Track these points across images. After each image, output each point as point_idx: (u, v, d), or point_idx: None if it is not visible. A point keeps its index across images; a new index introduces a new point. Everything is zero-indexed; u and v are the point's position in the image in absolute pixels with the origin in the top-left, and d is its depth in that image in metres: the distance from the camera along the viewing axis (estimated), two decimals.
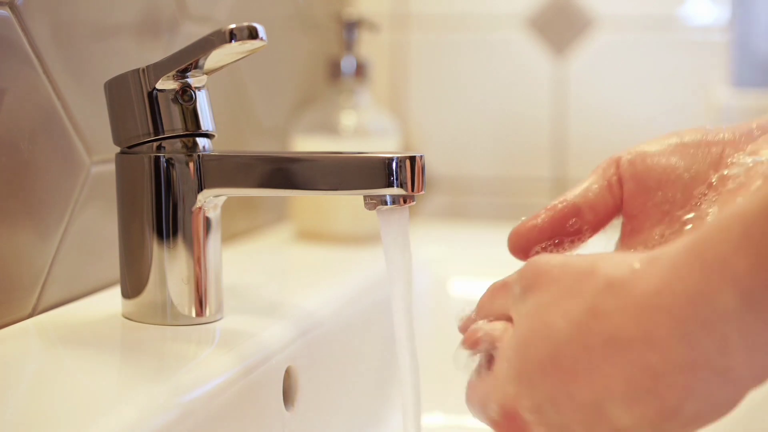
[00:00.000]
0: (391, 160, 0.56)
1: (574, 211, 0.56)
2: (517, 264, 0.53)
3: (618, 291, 0.45)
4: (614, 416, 0.45)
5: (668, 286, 0.43)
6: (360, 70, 0.99)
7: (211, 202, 0.61)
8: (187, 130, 0.60)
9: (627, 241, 0.56)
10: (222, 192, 0.60)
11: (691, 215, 0.53)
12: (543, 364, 0.47)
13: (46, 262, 0.64)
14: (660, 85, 1.14)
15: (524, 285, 0.49)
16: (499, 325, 0.51)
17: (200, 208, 0.60)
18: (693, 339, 0.43)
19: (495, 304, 0.52)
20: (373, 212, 0.57)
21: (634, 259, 0.46)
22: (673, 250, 0.44)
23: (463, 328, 0.54)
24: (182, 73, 0.59)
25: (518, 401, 0.48)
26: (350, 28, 0.99)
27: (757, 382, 0.44)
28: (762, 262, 0.40)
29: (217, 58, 0.58)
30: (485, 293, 0.53)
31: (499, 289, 0.52)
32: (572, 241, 0.56)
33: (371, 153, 0.57)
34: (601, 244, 0.56)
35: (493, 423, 0.50)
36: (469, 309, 0.55)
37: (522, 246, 0.56)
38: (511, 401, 0.48)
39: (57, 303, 0.66)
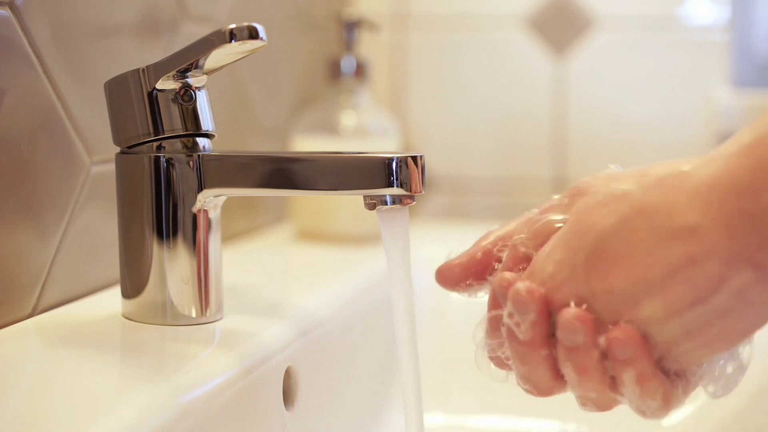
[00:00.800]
0: (391, 160, 0.56)
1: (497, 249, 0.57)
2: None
3: (667, 186, 0.47)
4: (647, 306, 0.47)
5: (719, 179, 0.45)
6: (360, 70, 0.99)
7: (211, 202, 0.61)
8: (187, 130, 0.60)
9: None
10: (222, 192, 0.60)
11: None
12: (587, 253, 0.48)
13: (46, 262, 0.64)
14: (660, 85, 1.14)
15: (573, 194, 0.52)
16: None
17: (200, 208, 0.60)
18: (736, 231, 0.44)
19: (538, 222, 0.53)
20: (373, 212, 0.57)
21: (684, 163, 0.48)
22: (730, 149, 0.46)
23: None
24: (182, 73, 0.59)
25: (552, 283, 0.50)
26: (350, 28, 0.99)
27: None
28: None
29: (217, 58, 0.58)
30: (519, 221, 0.54)
31: (544, 211, 0.53)
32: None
33: (371, 153, 0.57)
34: None
35: (516, 296, 0.50)
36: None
37: (450, 282, 0.58)
38: (551, 285, 0.50)
39: (57, 303, 0.66)
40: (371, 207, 0.57)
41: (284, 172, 0.58)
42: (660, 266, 0.47)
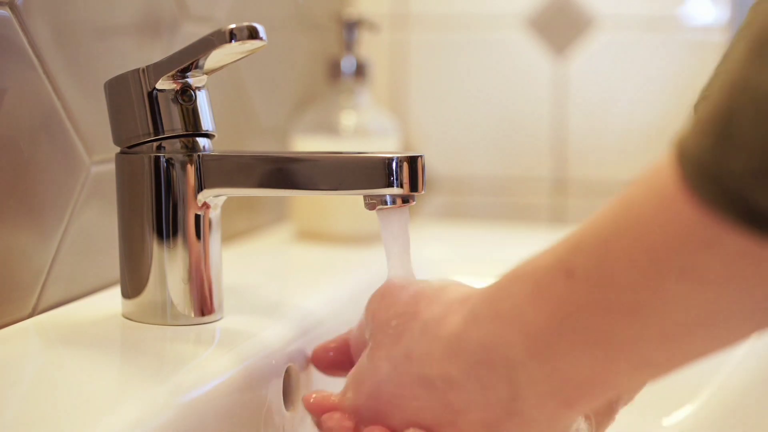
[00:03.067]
0: (391, 160, 0.56)
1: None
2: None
3: (428, 334, 0.51)
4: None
5: (467, 331, 0.48)
6: (360, 70, 0.99)
7: (211, 202, 0.61)
8: (187, 130, 0.60)
9: None
10: (222, 192, 0.60)
11: None
12: (369, 396, 0.53)
13: (46, 262, 0.64)
14: (660, 85, 1.14)
15: (370, 330, 0.56)
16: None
17: (200, 208, 0.60)
18: (486, 382, 0.47)
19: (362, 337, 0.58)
20: (373, 212, 0.57)
21: (450, 301, 0.51)
22: (476, 297, 0.49)
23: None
24: (182, 73, 0.59)
25: (353, 419, 0.54)
26: (350, 28, 0.99)
27: (552, 424, 0.47)
28: (551, 314, 0.44)
29: (217, 58, 0.58)
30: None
31: (359, 327, 0.59)
32: None
33: (371, 153, 0.57)
34: None
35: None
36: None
37: (324, 365, 0.62)
38: (349, 417, 0.54)
39: (57, 303, 0.66)
40: (371, 207, 0.57)
41: (284, 172, 0.58)
42: (427, 411, 0.50)
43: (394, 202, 0.57)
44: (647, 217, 0.41)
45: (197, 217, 0.60)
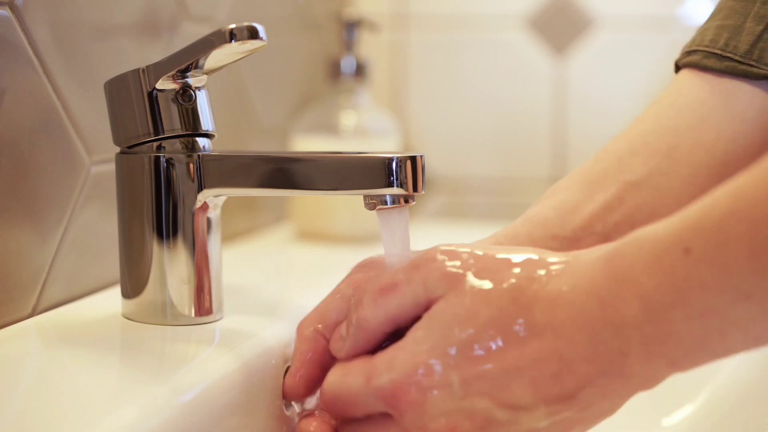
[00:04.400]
0: (391, 160, 0.56)
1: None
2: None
3: (537, 282, 0.49)
4: (517, 392, 0.49)
5: (581, 284, 0.48)
6: (360, 70, 0.99)
7: (211, 202, 0.61)
8: (187, 130, 0.60)
9: None
10: (222, 192, 0.60)
11: None
12: (462, 342, 0.49)
13: (46, 262, 0.64)
14: (660, 85, 1.14)
15: (425, 284, 0.51)
16: None
17: (200, 208, 0.60)
18: (598, 336, 0.47)
19: (381, 309, 0.52)
20: (373, 212, 0.57)
21: (551, 256, 0.50)
22: (589, 257, 0.49)
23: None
24: (182, 73, 0.59)
25: (425, 374, 0.50)
26: (350, 28, 0.99)
27: (648, 385, 0.48)
28: (667, 286, 0.45)
29: (217, 58, 0.58)
30: (370, 306, 0.53)
31: (388, 292, 0.52)
32: None
33: (371, 153, 0.57)
34: None
35: (379, 393, 0.51)
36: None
37: (296, 395, 0.58)
38: (414, 372, 0.50)
39: (57, 303, 0.66)
40: (371, 207, 0.57)
41: (284, 172, 0.58)
42: (529, 356, 0.48)
43: (394, 202, 0.57)
44: (763, 203, 0.43)
45: (197, 217, 0.60)
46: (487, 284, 0.50)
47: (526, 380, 0.49)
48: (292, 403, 0.60)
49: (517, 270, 0.50)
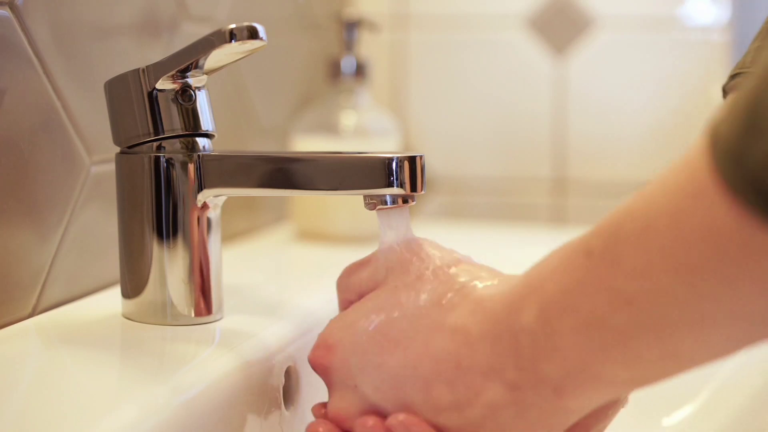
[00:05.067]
0: (391, 160, 0.56)
1: None
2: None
3: (465, 290, 0.50)
4: (409, 393, 0.50)
5: (501, 293, 0.49)
6: (360, 70, 0.99)
7: (211, 202, 0.61)
8: (187, 130, 0.60)
9: None
10: (222, 192, 0.60)
11: None
12: (376, 328, 0.52)
13: (46, 262, 0.64)
14: (660, 85, 1.14)
15: (390, 264, 0.54)
16: None
17: (200, 208, 0.60)
18: (498, 344, 0.47)
19: (355, 279, 0.56)
20: (373, 212, 0.57)
21: (502, 275, 0.52)
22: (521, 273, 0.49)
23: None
24: (182, 73, 0.59)
25: (339, 345, 0.53)
26: (350, 28, 0.99)
27: (542, 423, 0.48)
28: (563, 291, 0.45)
29: (217, 58, 0.58)
30: (343, 276, 0.57)
31: (360, 267, 0.56)
32: None
33: (371, 153, 0.57)
34: None
35: (314, 347, 0.55)
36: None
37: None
38: (334, 341, 0.53)
39: (57, 303, 0.66)
40: (371, 207, 0.57)
41: (284, 172, 0.58)
42: (430, 359, 0.49)
43: (394, 202, 0.57)
44: (660, 205, 0.41)
45: (197, 217, 0.60)
46: (424, 283, 0.52)
47: (420, 383, 0.49)
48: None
49: (459, 281, 0.52)
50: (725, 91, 0.64)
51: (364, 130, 0.98)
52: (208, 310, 0.61)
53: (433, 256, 0.54)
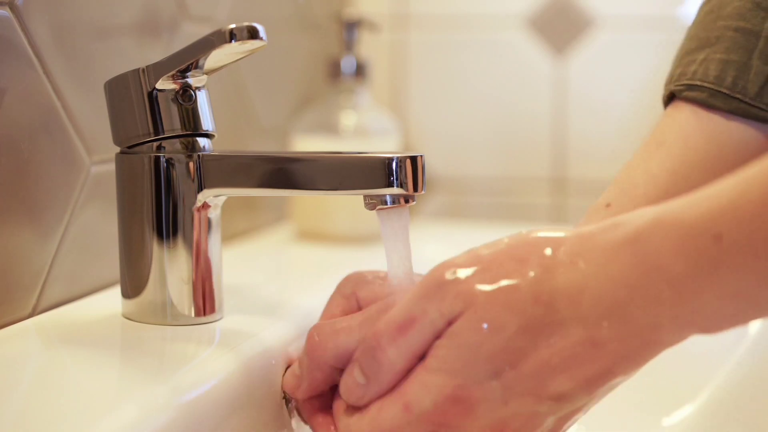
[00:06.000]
0: (391, 160, 0.56)
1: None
2: None
3: (553, 273, 0.49)
4: (557, 386, 0.49)
5: (605, 272, 0.48)
6: (360, 70, 0.99)
7: (211, 202, 0.61)
8: (186, 130, 0.60)
9: None
10: (222, 192, 0.60)
11: None
12: (494, 353, 0.49)
13: (46, 262, 0.64)
14: (660, 85, 1.14)
15: (449, 309, 0.50)
16: None
17: (200, 208, 0.60)
18: (628, 318, 0.47)
19: (405, 348, 0.51)
20: (373, 212, 0.57)
21: (555, 234, 0.50)
22: (608, 240, 0.48)
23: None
24: (182, 73, 0.59)
25: (466, 388, 0.50)
26: (350, 28, 0.99)
27: (676, 344, 0.49)
28: (697, 271, 0.45)
29: (217, 58, 0.58)
30: (376, 349, 0.52)
31: (401, 332, 0.52)
32: None
33: (371, 153, 0.57)
34: None
35: (424, 419, 0.51)
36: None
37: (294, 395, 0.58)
38: (455, 390, 0.50)
39: (57, 303, 0.66)
40: (371, 207, 0.57)
41: (284, 172, 0.58)
42: (563, 349, 0.49)
43: (394, 202, 0.57)
44: None
45: (197, 217, 0.60)
46: (502, 289, 0.50)
47: (564, 373, 0.49)
48: (292, 401, 0.60)
49: (530, 270, 0.49)
50: (673, 95, 0.65)
51: (364, 130, 0.98)
52: (208, 310, 0.61)
53: (466, 264, 0.52)
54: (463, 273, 0.51)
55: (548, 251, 0.49)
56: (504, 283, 0.50)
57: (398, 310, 0.52)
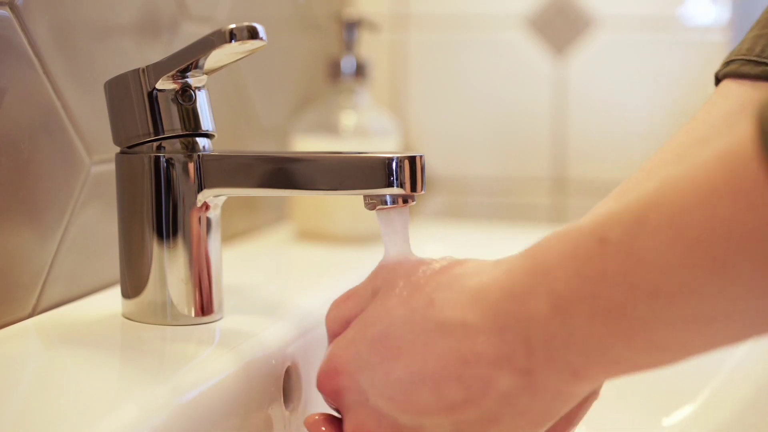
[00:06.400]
0: (391, 160, 0.56)
1: None
2: None
3: (457, 284, 0.50)
4: (420, 397, 0.49)
5: (497, 281, 0.48)
6: (360, 70, 0.99)
7: (211, 202, 0.61)
8: (187, 130, 0.60)
9: None
10: (222, 192, 0.60)
11: None
12: (374, 339, 0.51)
13: (46, 262, 0.64)
14: (660, 85, 1.14)
15: (376, 286, 0.54)
16: None
17: (200, 208, 0.60)
18: (505, 334, 0.46)
19: (342, 310, 0.55)
20: (373, 212, 0.57)
21: (484, 265, 0.50)
22: (515, 255, 0.48)
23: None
24: (182, 73, 0.59)
25: (344, 366, 0.52)
26: (350, 28, 0.99)
27: (559, 402, 0.47)
28: (577, 278, 0.44)
29: (217, 58, 0.58)
30: (331, 310, 0.57)
31: (346, 299, 0.56)
32: None
33: (371, 153, 0.57)
34: None
35: (317, 385, 0.54)
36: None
37: None
38: (338, 363, 0.52)
39: (57, 303, 0.66)
40: (371, 207, 0.57)
41: (284, 172, 0.58)
42: (434, 359, 0.48)
43: (394, 202, 0.57)
44: (690, 199, 0.40)
45: (197, 217, 0.60)
46: (411, 288, 0.51)
47: (429, 384, 0.49)
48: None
49: (445, 278, 0.51)
50: (718, 78, 0.65)
51: (364, 130, 0.98)
52: (208, 310, 0.61)
53: (417, 263, 0.54)
54: (400, 263, 0.54)
55: (463, 271, 0.51)
56: (417, 278, 0.52)
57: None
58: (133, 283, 0.61)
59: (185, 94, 0.59)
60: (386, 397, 0.50)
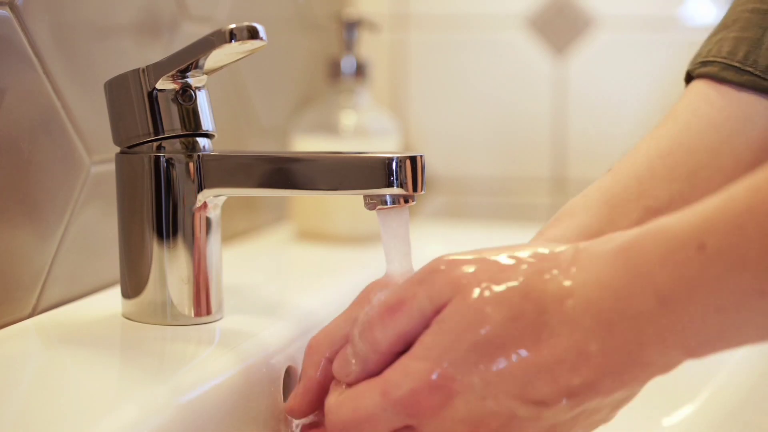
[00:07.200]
0: (391, 160, 0.56)
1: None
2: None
3: (546, 278, 0.49)
4: (539, 390, 0.48)
5: (594, 278, 0.48)
6: (360, 70, 0.99)
7: (211, 202, 0.61)
8: (187, 130, 0.60)
9: None
10: (222, 192, 0.60)
11: None
12: (478, 343, 0.49)
13: (46, 262, 0.64)
14: (660, 85, 1.14)
15: (438, 295, 0.50)
16: None
17: (200, 208, 0.60)
18: (614, 328, 0.47)
19: (391, 329, 0.51)
20: (373, 212, 0.57)
21: (558, 247, 0.50)
22: (602, 249, 0.48)
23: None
24: (182, 73, 0.59)
25: (444, 377, 0.49)
26: (350, 28, 0.99)
27: (665, 371, 0.48)
28: (681, 281, 0.45)
29: (217, 58, 0.58)
30: (365, 328, 0.52)
31: (389, 313, 0.51)
32: None
33: (371, 153, 0.57)
34: None
35: (399, 405, 0.50)
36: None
37: (299, 415, 0.57)
38: (432, 377, 0.49)
39: (57, 303, 0.66)
40: (371, 207, 0.57)
41: (284, 172, 0.58)
42: (548, 353, 0.48)
43: (394, 202, 0.57)
44: None
45: (197, 217, 0.60)
46: (494, 284, 0.49)
47: (546, 376, 0.48)
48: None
49: (524, 266, 0.50)
50: (690, 75, 0.65)
51: (364, 130, 0.98)
52: (208, 310, 0.61)
53: (465, 259, 0.52)
54: (457, 264, 0.51)
55: (551, 265, 0.49)
56: (496, 276, 0.50)
57: (391, 292, 0.52)
58: (133, 283, 0.61)
59: (185, 94, 0.59)
60: (503, 393, 0.49)
